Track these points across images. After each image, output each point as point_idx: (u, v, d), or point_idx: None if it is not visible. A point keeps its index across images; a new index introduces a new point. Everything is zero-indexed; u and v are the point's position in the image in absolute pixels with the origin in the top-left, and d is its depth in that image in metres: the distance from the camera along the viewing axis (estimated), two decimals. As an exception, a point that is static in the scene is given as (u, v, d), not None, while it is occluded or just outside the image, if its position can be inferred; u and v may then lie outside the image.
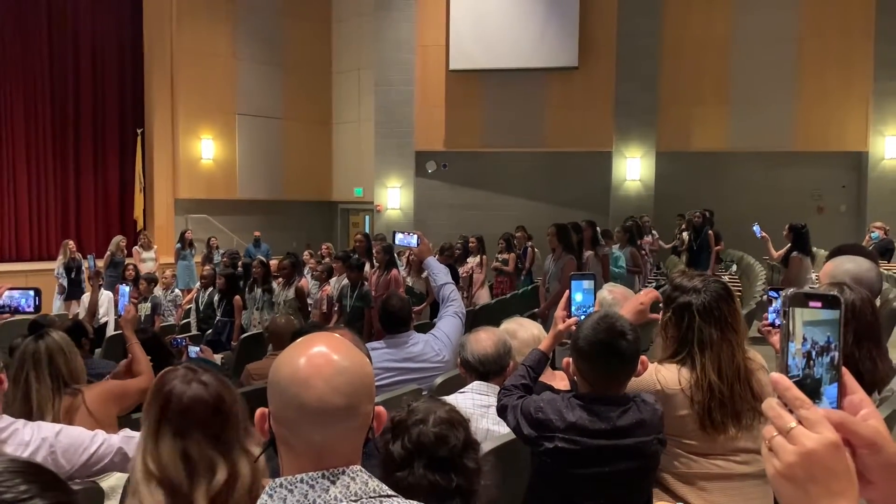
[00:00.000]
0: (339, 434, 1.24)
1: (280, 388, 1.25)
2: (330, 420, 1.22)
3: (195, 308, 9.07)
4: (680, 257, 12.46)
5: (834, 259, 3.41)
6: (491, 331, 2.93)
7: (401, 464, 1.49)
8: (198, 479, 1.69)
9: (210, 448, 1.72)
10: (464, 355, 2.87)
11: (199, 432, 1.73)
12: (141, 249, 12.68)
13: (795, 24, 14.85)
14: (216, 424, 1.75)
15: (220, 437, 1.74)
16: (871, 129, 14.71)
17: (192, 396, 1.76)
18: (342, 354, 1.27)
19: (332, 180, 18.68)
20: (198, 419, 1.73)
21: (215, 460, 1.71)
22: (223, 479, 1.69)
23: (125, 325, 3.61)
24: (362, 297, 7.77)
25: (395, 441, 1.51)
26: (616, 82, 15.28)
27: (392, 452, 1.51)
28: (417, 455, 1.49)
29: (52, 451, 2.38)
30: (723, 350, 2.39)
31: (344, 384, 1.23)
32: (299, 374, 1.24)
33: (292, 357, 1.27)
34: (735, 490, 2.35)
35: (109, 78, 16.11)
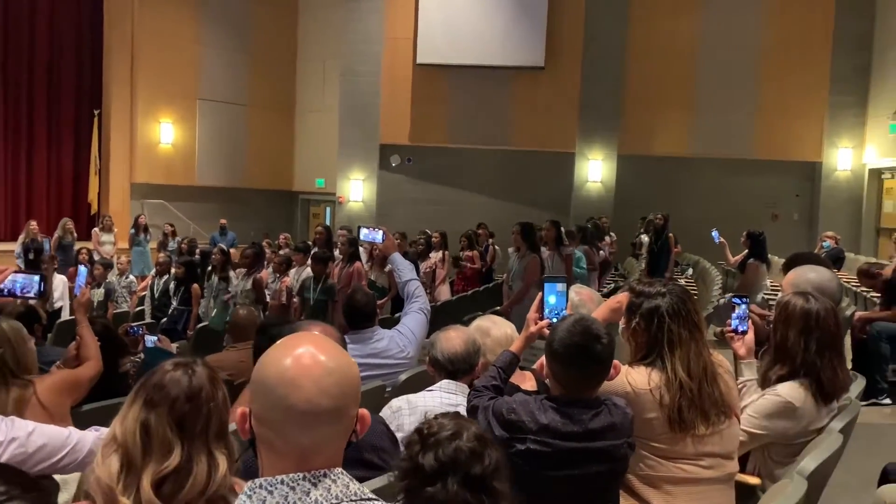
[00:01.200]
0: (325, 436, 1.21)
1: (266, 388, 1.22)
2: (317, 422, 1.19)
3: (150, 295, 8.86)
4: (638, 259, 12.62)
5: (796, 269, 3.48)
6: (461, 330, 2.91)
7: (432, 477, 1.45)
8: (150, 456, 1.66)
9: (170, 430, 1.69)
10: (433, 354, 2.85)
11: (165, 410, 1.70)
12: (101, 232, 12.36)
13: (757, 37, 15.17)
14: (184, 411, 1.72)
15: (185, 424, 1.71)
16: (826, 140, 15.12)
17: (173, 376, 1.76)
18: (329, 355, 1.24)
19: (294, 170, 18.47)
20: (169, 397, 1.72)
21: (172, 444, 1.68)
22: (174, 464, 1.65)
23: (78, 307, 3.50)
24: (326, 291, 7.68)
25: (425, 453, 1.47)
26: (581, 84, 15.41)
27: (423, 465, 1.46)
28: (452, 471, 1.44)
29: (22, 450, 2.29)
30: (691, 349, 2.42)
31: (332, 386, 1.21)
32: (287, 374, 1.20)
33: (278, 357, 1.24)
34: (699, 494, 2.37)
35: (67, 56, 15.67)
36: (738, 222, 12.29)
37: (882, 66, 14.37)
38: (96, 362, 3.46)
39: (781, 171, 15.41)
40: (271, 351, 1.27)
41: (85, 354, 3.48)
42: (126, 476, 1.66)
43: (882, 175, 14.68)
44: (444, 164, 15.99)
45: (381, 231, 4.72)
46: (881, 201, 14.73)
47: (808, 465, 2.24)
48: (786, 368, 2.74)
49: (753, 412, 2.72)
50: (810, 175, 15.47)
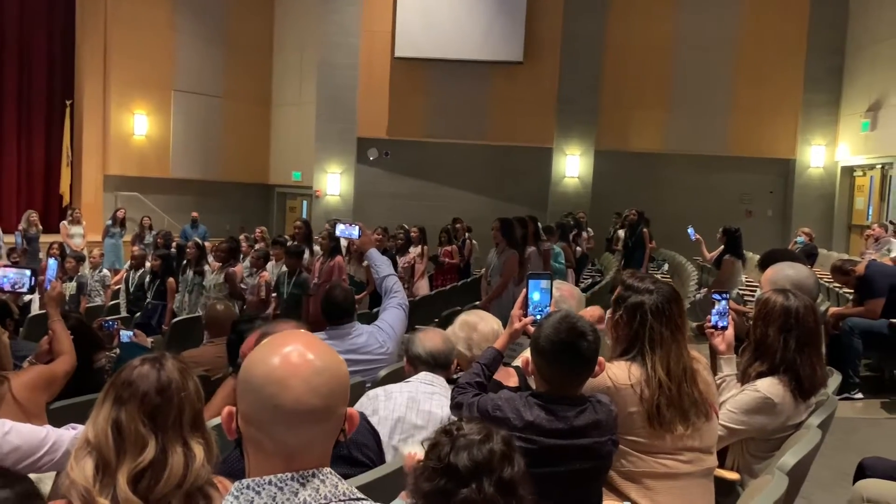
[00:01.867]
0: (313, 436, 1.19)
1: (253, 387, 1.20)
2: (306, 422, 1.18)
3: (125, 289, 8.75)
4: (614, 255, 12.71)
5: (774, 266, 3.52)
6: (437, 330, 2.99)
7: (467, 478, 1.43)
8: (125, 454, 1.65)
9: (142, 425, 1.67)
10: (414, 350, 2.88)
11: (136, 405, 1.68)
12: (69, 225, 12.16)
13: (734, 36, 15.33)
14: (155, 404, 1.70)
15: (157, 418, 1.69)
16: (799, 138, 15.33)
17: (141, 371, 1.74)
18: (318, 353, 1.22)
19: (270, 163, 18.29)
20: (138, 393, 1.70)
21: (146, 439, 1.66)
22: (149, 458, 1.64)
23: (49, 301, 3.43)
24: (299, 285, 7.64)
25: (457, 453, 1.44)
26: (560, 79, 15.46)
27: (456, 465, 1.43)
28: (487, 472, 1.43)
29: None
30: (672, 349, 2.44)
31: (322, 385, 1.19)
32: (275, 373, 1.18)
33: (266, 355, 1.22)
34: (680, 489, 2.39)
35: (37, 44, 15.33)
36: (713, 218, 12.42)
37: (855, 67, 14.60)
38: (70, 357, 3.40)
39: (756, 168, 15.61)
40: (259, 349, 1.25)
41: (58, 349, 3.42)
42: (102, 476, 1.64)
43: (854, 172, 14.92)
44: (421, 159, 15.96)
45: (358, 227, 4.69)
46: (853, 198, 14.97)
47: (788, 461, 2.27)
48: (765, 365, 2.77)
49: (733, 407, 2.74)
50: (784, 172, 15.68)
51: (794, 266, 3.55)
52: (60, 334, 3.44)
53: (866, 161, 14.24)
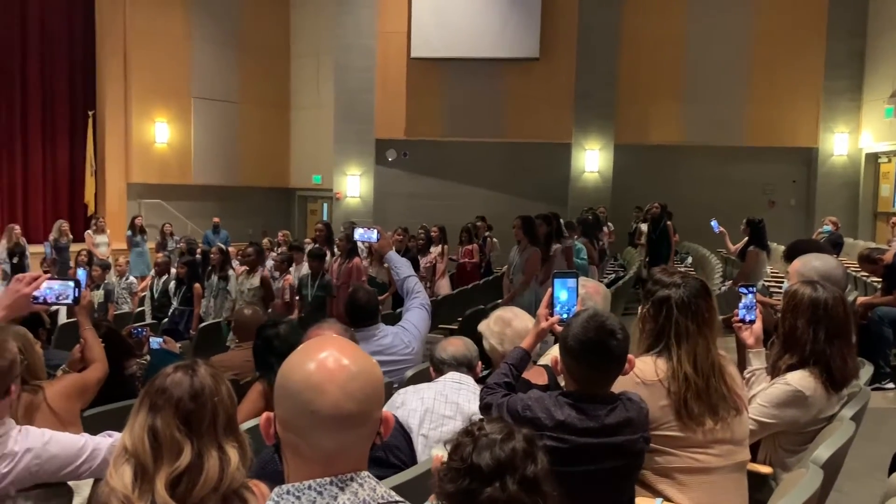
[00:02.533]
0: (350, 440, 1.21)
1: (291, 393, 1.22)
2: (343, 426, 1.19)
3: (149, 296, 8.86)
4: (636, 248, 12.63)
5: (801, 257, 3.48)
6: (458, 338, 3.08)
7: (490, 478, 1.44)
8: (162, 460, 1.68)
9: (178, 431, 1.70)
10: (437, 355, 2.94)
11: (171, 412, 1.71)
12: (94, 234, 12.33)
13: (750, 23, 15.15)
14: (189, 409, 1.73)
15: (191, 423, 1.72)
16: (822, 125, 15.12)
17: (174, 378, 1.77)
18: (353, 358, 1.24)
19: (290, 167, 18.41)
20: (172, 399, 1.73)
21: (182, 444, 1.69)
22: (185, 463, 1.67)
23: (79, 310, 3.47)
24: (323, 287, 7.70)
25: (479, 452, 1.45)
26: (576, 75, 15.38)
27: (479, 465, 1.44)
28: (511, 470, 1.44)
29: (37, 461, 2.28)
30: (698, 344, 2.43)
31: (358, 390, 1.21)
32: (312, 378, 1.20)
33: (302, 361, 1.24)
34: (712, 484, 2.38)
35: (59, 57, 15.55)
36: (736, 210, 12.31)
37: (877, 51, 14.37)
38: (102, 364, 3.45)
39: (777, 158, 15.42)
40: (294, 355, 1.27)
41: (90, 357, 3.47)
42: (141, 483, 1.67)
43: (878, 159, 14.69)
44: (440, 158, 15.97)
45: (376, 230, 4.72)
46: (878, 185, 14.75)
47: (823, 454, 2.25)
48: (795, 357, 2.75)
49: (763, 401, 2.72)
50: (806, 161, 15.49)
51: (821, 257, 3.51)
52: (92, 342, 3.49)
53: (891, 147, 14.01)
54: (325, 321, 3.02)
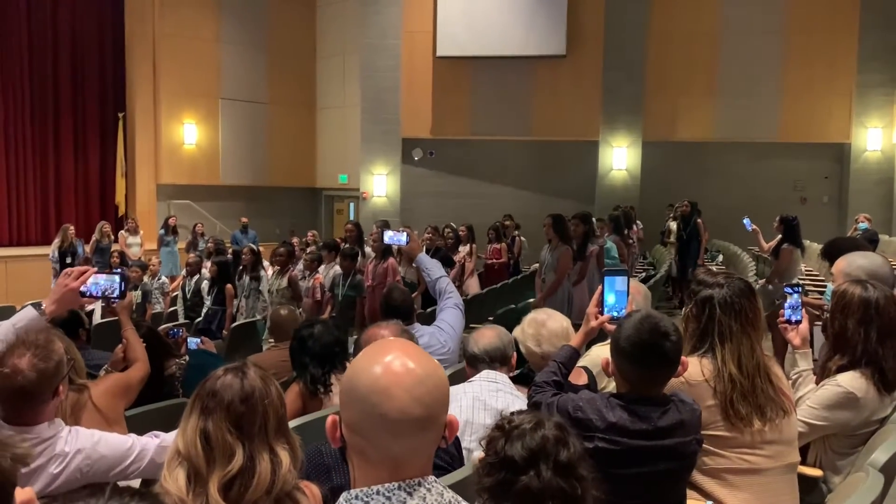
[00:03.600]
0: (417, 444, 1.21)
1: (358, 397, 1.22)
2: (410, 431, 1.19)
3: (181, 296, 8.95)
4: (666, 247, 12.52)
5: (845, 256, 3.43)
6: (493, 327, 3.02)
7: (524, 467, 1.47)
8: (214, 463, 1.69)
9: (229, 434, 1.71)
10: (470, 350, 2.92)
11: (222, 415, 1.73)
12: (127, 234, 12.51)
13: (782, 17, 14.94)
14: (240, 412, 1.74)
15: (243, 426, 1.73)
16: (854, 120, 14.87)
17: (224, 381, 1.78)
18: (419, 362, 1.23)
19: (317, 166, 18.51)
20: (223, 402, 1.74)
21: (234, 447, 1.70)
22: (238, 467, 1.68)
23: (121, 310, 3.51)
24: (354, 287, 7.72)
25: (511, 444, 1.49)
26: (603, 71, 15.28)
27: (512, 456, 1.48)
28: (543, 457, 1.47)
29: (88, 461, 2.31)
30: (743, 343, 2.41)
31: (425, 394, 1.21)
32: (379, 383, 1.20)
33: (368, 364, 1.24)
34: (763, 485, 2.35)
35: (90, 60, 15.77)
36: (766, 206, 12.17)
37: (911, 44, 14.10)
38: (144, 364, 3.48)
39: (808, 154, 15.20)
40: (360, 359, 1.27)
41: (132, 356, 3.50)
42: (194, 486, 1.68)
43: (913, 154, 14.43)
44: (466, 157, 15.96)
45: (406, 233, 4.74)
46: (913, 181, 14.48)
47: (880, 458, 2.20)
48: (846, 358, 2.70)
49: (814, 403, 2.68)
50: (839, 156, 15.24)
51: (866, 255, 3.45)
52: (133, 342, 3.53)
53: (926, 142, 13.76)
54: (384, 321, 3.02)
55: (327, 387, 3.49)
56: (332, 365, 3.52)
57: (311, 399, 3.50)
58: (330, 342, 3.57)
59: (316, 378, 3.48)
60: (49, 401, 2.35)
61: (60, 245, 11.15)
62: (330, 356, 3.53)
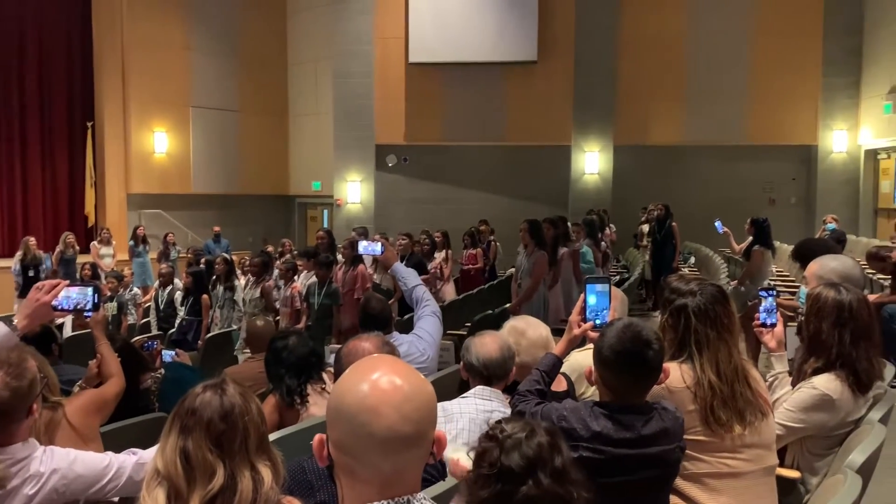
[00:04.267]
0: (406, 462, 1.20)
1: (346, 416, 1.21)
2: (399, 448, 1.19)
3: (154, 307, 8.84)
4: (639, 250, 12.62)
5: (817, 259, 3.48)
6: (495, 335, 2.85)
7: (522, 476, 1.44)
8: (195, 482, 1.66)
9: (209, 452, 1.68)
10: (468, 359, 2.79)
11: (202, 433, 1.70)
12: (100, 245, 12.31)
13: (748, 23, 15.19)
14: (220, 430, 1.71)
15: (223, 444, 1.71)
16: (820, 123, 15.16)
17: (203, 398, 1.75)
18: (405, 378, 1.23)
19: (290, 174, 18.39)
20: (203, 420, 1.71)
21: (214, 465, 1.68)
22: (218, 485, 1.65)
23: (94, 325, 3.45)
24: (330, 295, 7.67)
25: (507, 454, 1.46)
26: (574, 77, 15.40)
27: (510, 466, 1.45)
28: (541, 465, 1.45)
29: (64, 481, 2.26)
30: (720, 350, 2.43)
31: (413, 411, 1.20)
32: (367, 401, 1.20)
33: (354, 382, 1.23)
34: (743, 488, 2.38)
35: (57, 69, 15.53)
36: (736, 208, 12.35)
37: (874, 47, 14.41)
38: (119, 378, 3.42)
39: (777, 156, 15.46)
40: (347, 376, 1.26)
41: (107, 371, 3.44)
42: None
43: (878, 155, 14.72)
44: (440, 163, 15.98)
45: (380, 243, 4.72)
46: (878, 182, 14.77)
47: (857, 459, 2.24)
48: (821, 361, 2.74)
49: (791, 406, 2.72)
50: (806, 158, 15.52)
51: (837, 258, 3.51)
52: (108, 357, 3.46)
53: (890, 143, 14.03)
54: (365, 333, 2.95)
55: (304, 398, 3.46)
56: (308, 375, 3.50)
57: (288, 411, 3.47)
58: (305, 353, 3.54)
59: (292, 389, 3.45)
60: (23, 420, 2.30)
61: (23, 258, 10.94)
62: (306, 367, 3.50)
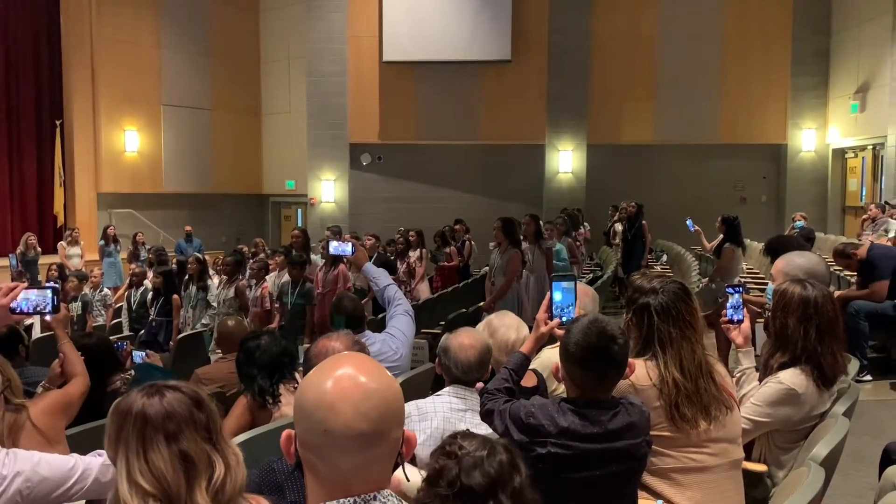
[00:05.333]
0: (367, 460, 1.19)
1: (306, 412, 1.21)
2: (356, 447, 1.18)
3: (126, 308, 8.72)
4: (611, 247, 12.72)
5: (783, 256, 3.53)
6: (473, 336, 2.81)
7: (484, 498, 1.39)
8: (198, 477, 1.61)
9: (205, 443, 1.63)
10: (446, 362, 2.77)
11: (191, 429, 1.64)
12: (67, 245, 12.12)
13: (718, 24, 15.39)
14: (203, 418, 1.66)
15: (210, 430, 1.66)
16: (790, 122, 15.39)
17: (170, 399, 1.67)
18: (371, 377, 1.22)
19: (263, 173, 18.27)
20: (185, 417, 1.65)
21: (212, 455, 1.63)
22: (223, 471, 1.60)
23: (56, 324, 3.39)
24: (304, 295, 7.63)
25: (468, 474, 1.39)
26: (548, 76, 15.48)
27: (471, 486, 1.39)
28: (501, 486, 1.40)
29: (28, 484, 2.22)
30: (683, 347, 2.46)
31: (371, 409, 1.19)
32: (326, 398, 1.19)
33: (318, 379, 1.22)
34: (710, 483, 2.40)
35: (24, 65, 15.25)
36: (708, 206, 12.50)
37: (841, 48, 14.66)
38: (83, 377, 3.36)
39: (748, 154, 15.67)
40: (313, 373, 1.25)
41: (70, 371, 3.38)
42: None
43: (845, 154, 14.99)
44: (414, 161, 15.97)
45: (351, 243, 4.71)
46: (846, 180, 15.04)
47: (821, 452, 2.28)
48: (786, 356, 2.78)
49: (757, 400, 2.75)
50: (776, 157, 15.74)
51: (803, 255, 3.57)
52: (71, 356, 3.40)
53: (857, 143, 14.30)
54: (335, 332, 2.92)
55: (276, 398, 3.44)
56: (280, 375, 3.47)
57: (261, 411, 3.45)
58: (277, 353, 3.51)
59: (264, 390, 3.43)
60: None
61: None
62: (278, 367, 3.48)
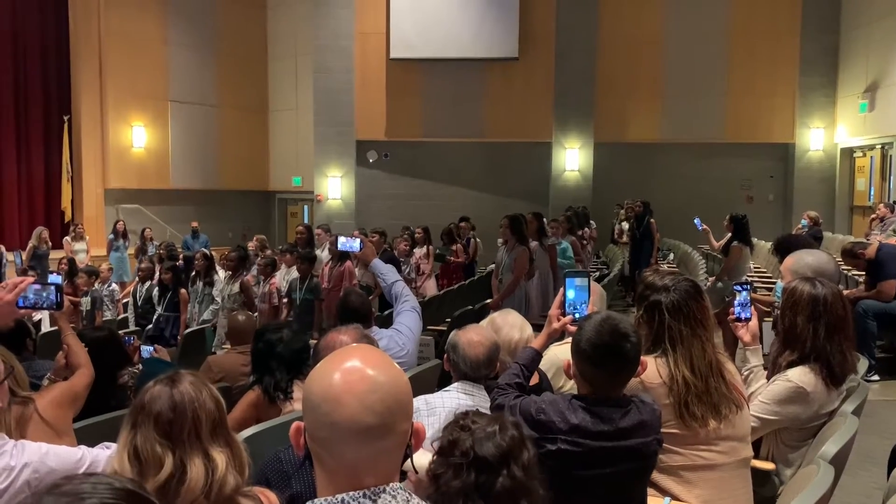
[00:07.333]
0: (374, 452, 1.19)
1: (313, 404, 1.21)
2: (361, 439, 1.18)
3: (133, 302, 8.75)
4: (619, 246, 12.70)
5: (793, 254, 3.52)
6: (482, 333, 2.82)
7: (497, 467, 1.43)
8: (145, 476, 1.67)
9: (158, 445, 1.69)
10: (454, 359, 2.77)
11: (150, 427, 1.71)
12: (73, 241, 12.15)
13: (726, 20, 15.31)
14: (168, 420, 1.72)
15: (171, 433, 1.71)
16: (798, 121, 15.32)
17: (153, 392, 1.76)
18: (378, 369, 1.22)
19: (270, 169, 18.30)
20: (151, 414, 1.73)
21: (162, 456, 1.68)
22: (165, 475, 1.66)
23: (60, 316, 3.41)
24: (312, 290, 7.65)
25: (481, 445, 1.44)
26: (555, 74, 15.44)
27: (485, 457, 1.43)
28: (513, 458, 1.44)
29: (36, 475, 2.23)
30: (693, 346, 2.45)
31: (377, 402, 1.18)
32: (332, 390, 1.19)
33: (326, 372, 1.22)
34: (718, 480, 2.40)
35: (32, 62, 15.31)
36: (714, 205, 12.47)
37: (850, 47, 14.58)
38: (88, 369, 3.38)
39: (755, 154, 15.61)
40: (321, 365, 1.25)
41: (75, 362, 3.39)
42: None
43: (854, 154, 14.91)
44: (421, 159, 15.96)
45: (359, 239, 4.71)
46: (854, 180, 14.97)
47: (830, 450, 2.27)
48: (795, 354, 2.78)
49: (765, 398, 2.75)
50: (783, 156, 15.68)
51: (812, 253, 3.56)
52: (75, 347, 3.41)
53: (866, 142, 14.23)
54: (345, 325, 2.93)
55: (288, 393, 3.44)
56: (297, 371, 3.48)
57: (269, 407, 3.45)
58: (300, 348, 3.54)
59: (279, 383, 3.44)
60: None
61: None
62: (297, 363, 3.49)
